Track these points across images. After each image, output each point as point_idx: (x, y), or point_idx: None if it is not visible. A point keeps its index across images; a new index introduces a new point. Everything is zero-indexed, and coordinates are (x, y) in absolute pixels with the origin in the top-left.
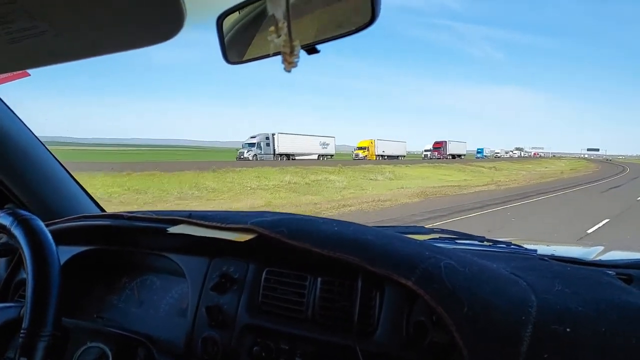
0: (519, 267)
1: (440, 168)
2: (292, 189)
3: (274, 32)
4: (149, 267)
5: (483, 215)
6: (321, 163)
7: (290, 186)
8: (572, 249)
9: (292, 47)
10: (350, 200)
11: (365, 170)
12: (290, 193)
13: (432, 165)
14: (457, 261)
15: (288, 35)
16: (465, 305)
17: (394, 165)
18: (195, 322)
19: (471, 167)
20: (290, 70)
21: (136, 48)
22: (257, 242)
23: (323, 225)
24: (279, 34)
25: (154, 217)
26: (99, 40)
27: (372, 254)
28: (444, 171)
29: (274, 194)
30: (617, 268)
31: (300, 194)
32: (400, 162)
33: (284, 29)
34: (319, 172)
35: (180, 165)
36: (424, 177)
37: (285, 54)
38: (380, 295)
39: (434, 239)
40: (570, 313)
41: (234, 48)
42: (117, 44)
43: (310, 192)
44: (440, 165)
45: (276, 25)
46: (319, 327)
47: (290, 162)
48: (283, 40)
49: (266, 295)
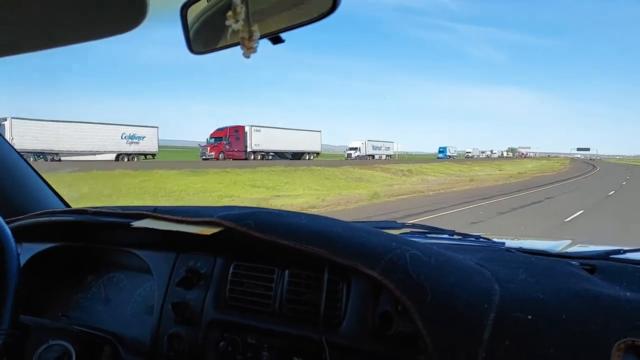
0: (485, 258)
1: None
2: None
3: (232, 17)
4: (116, 265)
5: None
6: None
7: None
8: (540, 242)
9: (250, 31)
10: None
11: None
12: None
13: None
14: (423, 252)
15: (246, 20)
16: (429, 294)
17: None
18: (161, 319)
19: (366, 171)
20: (249, 56)
21: (98, 39)
22: (225, 236)
23: (290, 218)
24: (236, 19)
25: (118, 212)
26: (59, 31)
27: (338, 245)
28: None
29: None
30: (581, 259)
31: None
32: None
33: (242, 13)
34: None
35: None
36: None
37: (243, 39)
38: (347, 287)
39: (406, 234)
40: (532, 301)
41: (199, 38)
42: (77, 34)
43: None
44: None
45: (234, 10)
46: (286, 320)
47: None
48: (241, 25)
49: (233, 289)
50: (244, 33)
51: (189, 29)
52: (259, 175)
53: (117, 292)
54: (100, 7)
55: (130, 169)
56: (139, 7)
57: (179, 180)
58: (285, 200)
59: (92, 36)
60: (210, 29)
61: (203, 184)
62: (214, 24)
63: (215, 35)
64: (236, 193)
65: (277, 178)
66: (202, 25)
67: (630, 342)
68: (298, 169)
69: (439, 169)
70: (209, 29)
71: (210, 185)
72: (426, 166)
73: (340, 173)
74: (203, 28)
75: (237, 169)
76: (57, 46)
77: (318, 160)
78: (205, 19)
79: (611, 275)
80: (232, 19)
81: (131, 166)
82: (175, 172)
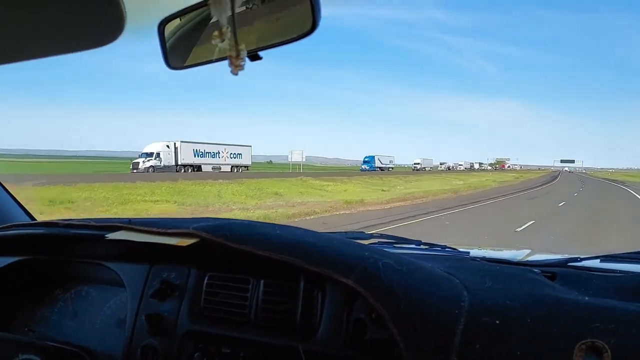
0: (453, 266)
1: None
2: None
3: (217, 36)
4: (85, 277)
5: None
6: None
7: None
8: (502, 252)
9: (238, 50)
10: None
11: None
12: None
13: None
14: (394, 261)
15: (233, 40)
16: (402, 301)
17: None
18: (135, 331)
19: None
20: (237, 73)
21: (75, 51)
22: (199, 247)
23: (265, 228)
24: (222, 38)
25: (91, 224)
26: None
27: (313, 254)
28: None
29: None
30: (543, 267)
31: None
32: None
33: (228, 33)
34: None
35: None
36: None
37: (231, 57)
38: (322, 296)
39: (374, 244)
40: (499, 306)
41: (176, 53)
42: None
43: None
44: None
45: (220, 30)
46: (262, 330)
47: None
48: (228, 44)
49: (208, 300)
50: (231, 52)
51: (167, 45)
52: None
53: (86, 306)
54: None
55: (246, 178)
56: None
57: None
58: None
59: (69, 49)
60: (188, 45)
61: (289, 188)
62: (191, 40)
63: (193, 52)
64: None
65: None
66: (179, 41)
67: (590, 343)
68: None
69: (337, 187)
70: (186, 45)
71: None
72: (325, 183)
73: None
74: (181, 44)
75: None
76: (32, 58)
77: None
78: (183, 35)
79: (570, 281)
80: (219, 38)
81: (246, 175)
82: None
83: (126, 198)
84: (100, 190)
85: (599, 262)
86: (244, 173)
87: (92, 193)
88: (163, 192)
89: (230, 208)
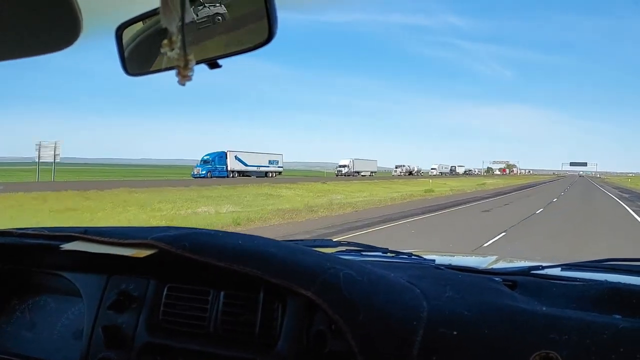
0: (415, 275)
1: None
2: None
3: (167, 45)
4: (43, 288)
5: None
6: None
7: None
8: (468, 259)
9: (186, 60)
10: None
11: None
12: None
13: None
14: (356, 271)
15: (182, 49)
16: (361, 312)
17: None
18: (91, 343)
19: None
20: (185, 84)
21: (29, 56)
22: (159, 258)
23: (226, 238)
24: (172, 47)
25: (46, 233)
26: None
27: (274, 266)
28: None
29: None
30: (504, 275)
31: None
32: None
33: (178, 42)
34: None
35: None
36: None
37: (179, 67)
38: (283, 307)
39: (341, 252)
40: (457, 317)
41: (134, 59)
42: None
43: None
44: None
45: (170, 39)
46: (221, 342)
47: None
48: (177, 53)
49: (167, 312)
50: (179, 61)
51: (124, 50)
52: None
53: (44, 317)
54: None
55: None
56: (72, 26)
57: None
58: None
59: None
60: (146, 52)
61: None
62: (149, 46)
63: (151, 58)
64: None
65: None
66: (137, 47)
67: (544, 354)
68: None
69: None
70: (145, 52)
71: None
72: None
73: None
74: (139, 50)
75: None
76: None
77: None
78: (141, 41)
79: (530, 290)
80: (168, 47)
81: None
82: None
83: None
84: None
85: (560, 270)
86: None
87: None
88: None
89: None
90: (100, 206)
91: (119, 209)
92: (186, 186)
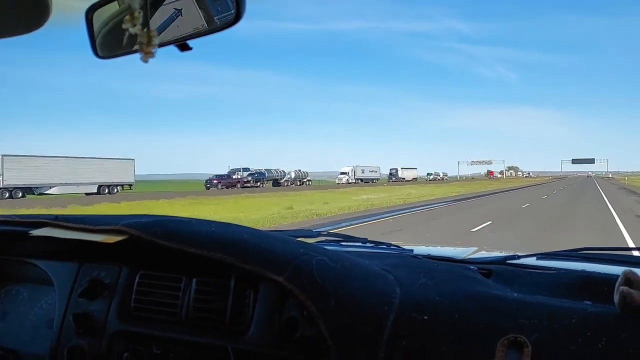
0: (391, 263)
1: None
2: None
3: (129, 21)
4: (16, 277)
5: None
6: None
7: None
8: (446, 249)
9: (149, 36)
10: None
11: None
12: None
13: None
14: (330, 258)
15: (144, 25)
16: (332, 298)
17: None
18: (62, 331)
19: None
20: (147, 61)
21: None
22: (131, 245)
23: (198, 226)
24: (134, 23)
25: (15, 219)
26: None
27: (246, 252)
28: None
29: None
30: (480, 264)
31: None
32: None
33: (140, 18)
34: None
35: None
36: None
37: (142, 43)
38: (255, 294)
39: (321, 242)
40: (429, 303)
41: (105, 42)
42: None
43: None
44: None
45: (132, 15)
46: (193, 329)
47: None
48: (138, 29)
49: (139, 299)
50: (142, 38)
51: (95, 33)
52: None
53: (16, 306)
54: None
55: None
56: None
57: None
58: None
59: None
60: (116, 34)
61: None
62: (119, 29)
63: (121, 41)
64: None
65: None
66: (108, 30)
67: (512, 338)
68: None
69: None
70: (115, 34)
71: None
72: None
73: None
74: (109, 33)
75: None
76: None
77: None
78: (112, 24)
79: (505, 278)
80: (130, 22)
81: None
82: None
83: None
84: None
85: (536, 259)
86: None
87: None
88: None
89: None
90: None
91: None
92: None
